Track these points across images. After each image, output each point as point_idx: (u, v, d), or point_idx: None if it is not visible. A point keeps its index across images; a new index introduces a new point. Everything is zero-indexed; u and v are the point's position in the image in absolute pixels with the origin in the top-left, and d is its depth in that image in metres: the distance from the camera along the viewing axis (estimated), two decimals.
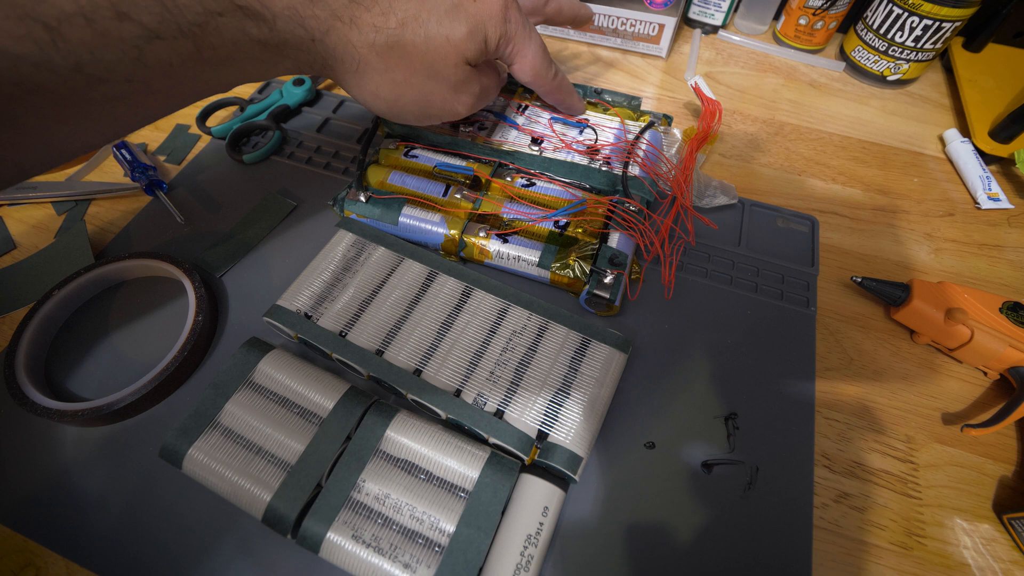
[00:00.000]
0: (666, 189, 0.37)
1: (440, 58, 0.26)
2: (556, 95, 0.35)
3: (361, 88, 0.27)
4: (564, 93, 0.35)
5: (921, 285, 0.31)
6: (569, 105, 0.37)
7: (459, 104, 0.30)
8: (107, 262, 0.32)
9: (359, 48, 0.25)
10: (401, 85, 0.27)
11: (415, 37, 0.25)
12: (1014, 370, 0.29)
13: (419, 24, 0.25)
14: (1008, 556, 0.26)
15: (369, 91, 0.27)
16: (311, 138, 0.41)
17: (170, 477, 0.26)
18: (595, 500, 0.26)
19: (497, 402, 0.27)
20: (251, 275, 0.34)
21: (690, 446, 0.28)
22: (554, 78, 0.33)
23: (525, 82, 0.32)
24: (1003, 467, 0.28)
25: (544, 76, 0.32)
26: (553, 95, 0.35)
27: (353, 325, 0.29)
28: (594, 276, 0.30)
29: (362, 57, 0.25)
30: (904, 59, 0.44)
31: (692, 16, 0.52)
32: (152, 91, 0.21)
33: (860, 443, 0.29)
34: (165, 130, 0.43)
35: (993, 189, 0.39)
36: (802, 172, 0.41)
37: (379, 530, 0.23)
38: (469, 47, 0.27)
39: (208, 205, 0.38)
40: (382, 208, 0.34)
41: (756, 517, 0.26)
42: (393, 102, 0.28)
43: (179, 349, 0.29)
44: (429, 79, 0.27)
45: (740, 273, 0.34)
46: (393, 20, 0.25)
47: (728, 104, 0.46)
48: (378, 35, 0.25)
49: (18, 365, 0.28)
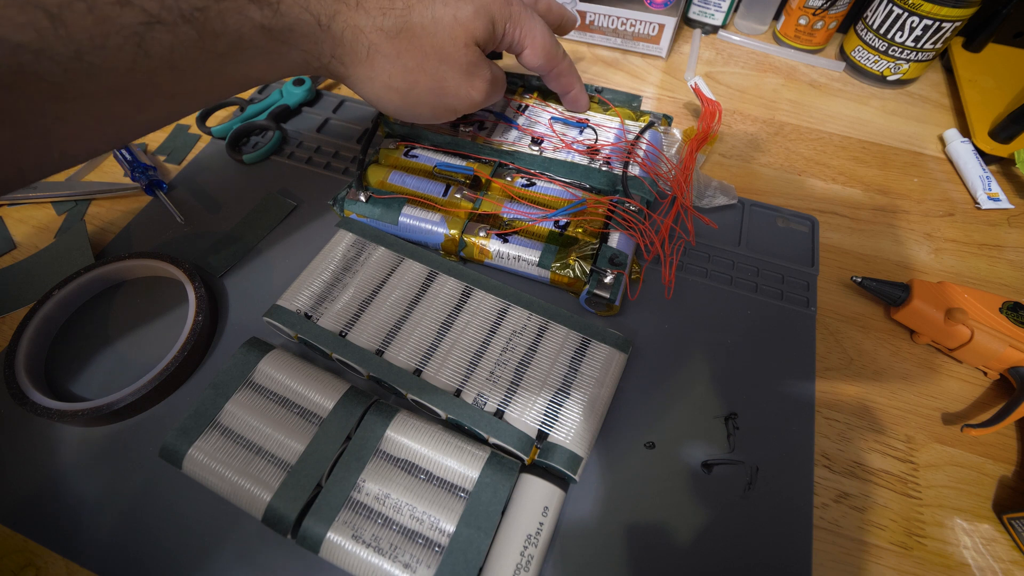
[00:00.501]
0: (666, 189, 0.37)
1: (450, 39, 0.26)
2: (566, 80, 0.34)
3: (373, 81, 0.27)
4: (574, 78, 0.35)
5: (921, 285, 0.31)
6: (576, 96, 0.36)
7: (474, 90, 0.29)
8: (107, 262, 0.32)
9: (368, 33, 0.25)
10: (414, 72, 0.26)
11: (423, 19, 0.25)
12: (1014, 370, 0.29)
13: (425, 6, 0.25)
14: (1008, 556, 0.26)
15: (381, 83, 0.27)
16: (311, 138, 0.41)
17: (170, 477, 0.26)
18: (595, 500, 0.26)
19: (497, 402, 0.27)
20: (251, 275, 0.34)
21: (690, 446, 0.28)
22: (564, 59, 0.33)
23: (536, 67, 0.32)
24: (1003, 467, 0.28)
25: (556, 58, 0.32)
26: (563, 79, 0.34)
27: (353, 325, 0.29)
28: (594, 276, 0.30)
29: (372, 43, 0.25)
30: (904, 59, 0.44)
31: (692, 16, 0.52)
32: (156, 87, 0.20)
33: (860, 443, 0.29)
34: (165, 130, 0.43)
35: (993, 189, 0.39)
36: (802, 172, 0.41)
37: (379, 530, 0.23)
38: (477, 26, 0.27)
39: (208, 205, 0.38)
40: (382, 208, 0.34)
41: (756, 517, 0.26)
42: (407, 92, 0.27)
43: (179, 349, 0.29)
44: (441, 63, 0.27)
45: (740, 273, 0.34)
46: (399, 2, 0.25)
47: (728, 104, 0.46)
48: (386, 18, 0.25)
49: (18, 365, 0.28)
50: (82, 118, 0.19)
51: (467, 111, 0.30)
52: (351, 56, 0.25)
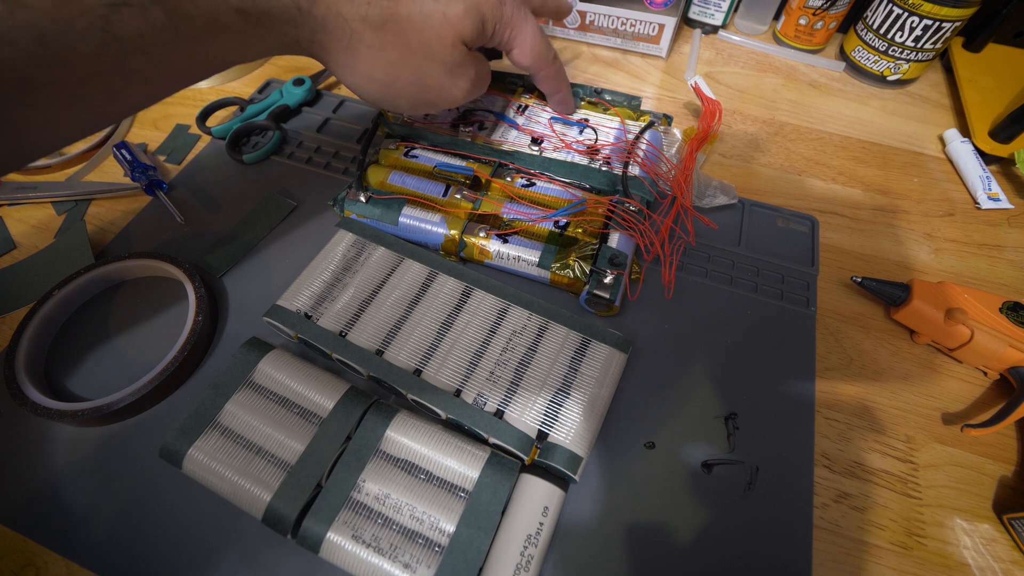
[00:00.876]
0: (666, 189, 0.37)
1: (437, 37, 0.25)
2: (554, 82, 0.34)
3: (353, 70, 0.26)
4: (561, 82, 0.34)
5: (921, 285, 0.31)
6: (563, 99, 0.36)
7: (456, 89, 0.28)
8: (107, 262, 0.32)
9: (351, 21, 0.24)
10: (396, 66, 0.26)
11: (410, 12, 0.25)
12: (1014, 370, 0.29)
13: None
14: (1008, 556, 0.26)
15: (362, 73, 0.26)
16: (311, 138, 0.41)
17: (170, 477, 0.26)
18: (595, 500, 0.26)
19: (497, 402, 0.27)
20: (251, 275, 0.34)
21: (690, 446, 0.28)
22: (553, 62, 0.32)
23: (524, 66, 0.31)
24: (1003, 467, 0.28)
25: (545, 59, 0.31)
26: (551, 82, 0.34)
27: (353, 325, 0.29)
28: (594, 276, 0.30)
29: (354, 31, 0.24)
30: (904, 59, 0.44)
31: (692, 16, 0.52)
32: (127, 73, 0.19)
33: (860, 443, 0.29)
34: (165, 130, 0.43)
35: (993, 189, 0.39)
36: (802, 172, 0.41)
37: (379, 530, 0.23)
38: (466, 25, 0.26)
39: (208, 205, 0.38)
40: (382, 208, 0.34)
41: (756, 517, 0.26)
42: (387, 85, 0.27)
43: (179, 349, 0.29)
44: (425, 59, 0.26)
45: (740, 273, 0.34)
46: None
47: (728, 104, 0.46)
48: (371, 8, 0.24)
49: (18, 365, 0.28)
50: (52, 106, 0.18)
51: (447, 107, 0.30)
52: (333, 42, 0.24)
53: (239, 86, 0.47)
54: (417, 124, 0.38)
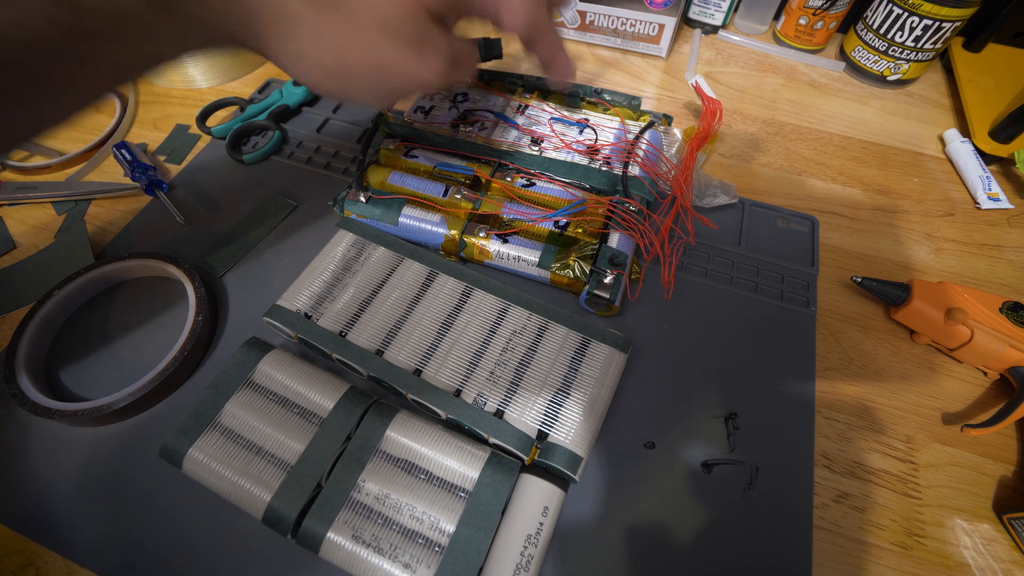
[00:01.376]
0: (666, 189, 0.37)
1: (391, 6, 0.21)
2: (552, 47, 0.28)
3: (298, 59, 0.22)
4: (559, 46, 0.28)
5: (921, 285, 0.31)
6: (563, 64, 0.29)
7: (425, 69, 0.23)
8: (107, 262, 0.32)
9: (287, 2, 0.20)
10: (347, 49, 0.21)
11: None
12: (1014, 370, 0.29)
13: None
14: (1008, 556, 0.26)
15: (309, 60, 0.22)
16: (311, 138, 0.41)
17: (170, 477, 0.26)
18: (595, 500, 0.26)
19: (497, 402, 0.27)
20: (251, 275, 0.34)
21: (690, 446, 0.28)
22: (550, 22, 0.26)
23: (517, 30, 0.25)
24: (1003, 467, 0.28)
25: (540, 19, 0.25)
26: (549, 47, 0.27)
27: (353, 325, 0.29)
28: (594, 276, 0.30)
29: (291, 13, 0.20)
30: (904, 59, 0.44)
31: (692, 16, 0.52)
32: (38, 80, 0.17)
33: (860, 443, 0.29)
34: (165, 130, 0.43)
35: (993, 189, 0.39)
36: (802, 172, 0.41)
37: (379, 530, 0.23)
38: None
39: (208, 205, 0.38)
40: (382, 208, 0.34)
41: (756, 517, 0.26)
42: (340, 72, 0.22)
43: (179, 349, 0.29)
44: (381, 36, 0.21)
45: (740, 273, 0.34)
46: None
47: (728, 104, 0.46)
48: None
49: (18, 365, 0.28)
50: None
51: (419, 91, 0.25)
52: (269, 28, 0.21)
53: (239, 86, 0.47)
54: (417, 124, 0.38)
